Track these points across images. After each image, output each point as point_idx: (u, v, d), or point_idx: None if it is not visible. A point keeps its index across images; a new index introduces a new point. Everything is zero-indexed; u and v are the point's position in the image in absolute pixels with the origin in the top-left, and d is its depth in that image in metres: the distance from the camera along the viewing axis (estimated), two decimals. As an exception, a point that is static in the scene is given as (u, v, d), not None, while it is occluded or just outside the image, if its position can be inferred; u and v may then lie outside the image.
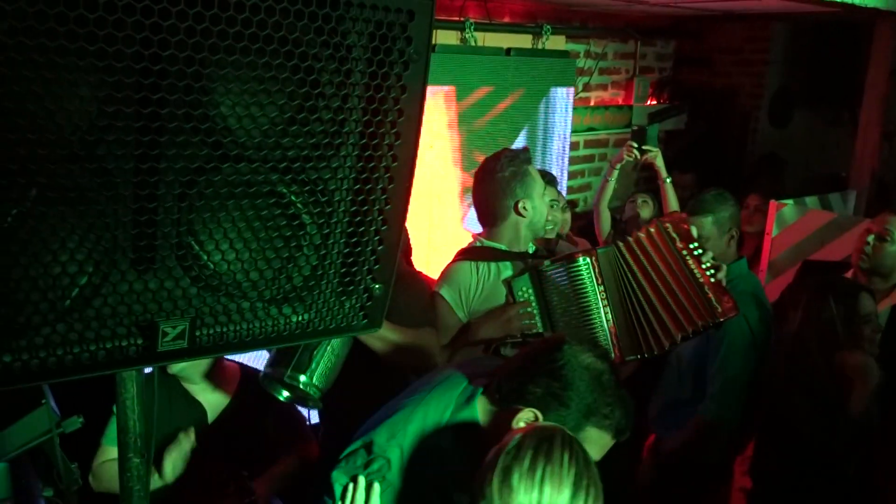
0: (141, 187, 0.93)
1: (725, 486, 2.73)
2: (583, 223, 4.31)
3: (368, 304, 1.19)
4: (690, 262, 2.20)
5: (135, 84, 0.85)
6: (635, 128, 3.56)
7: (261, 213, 1.03)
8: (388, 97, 1.04)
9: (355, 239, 1.12)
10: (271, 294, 1.09)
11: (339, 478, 1.43)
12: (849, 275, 2.80)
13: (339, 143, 1.04)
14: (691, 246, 2.22)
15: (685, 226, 2.25)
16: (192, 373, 2.29)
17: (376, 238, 1.13)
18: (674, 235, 2.22)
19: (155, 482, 2.18)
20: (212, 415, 2.34)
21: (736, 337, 2.49)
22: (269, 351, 2.08)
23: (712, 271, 2.20)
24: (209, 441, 2.31)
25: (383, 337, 2.11)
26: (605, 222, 3.71)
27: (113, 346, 0.98)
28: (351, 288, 1.15)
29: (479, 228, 2.54)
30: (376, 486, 1.37)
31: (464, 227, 4.01)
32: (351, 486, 1.37)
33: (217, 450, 2.29)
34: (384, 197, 1.11)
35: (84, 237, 0.94)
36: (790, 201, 3.89)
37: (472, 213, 3.96)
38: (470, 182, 3.96)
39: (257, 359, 2.96)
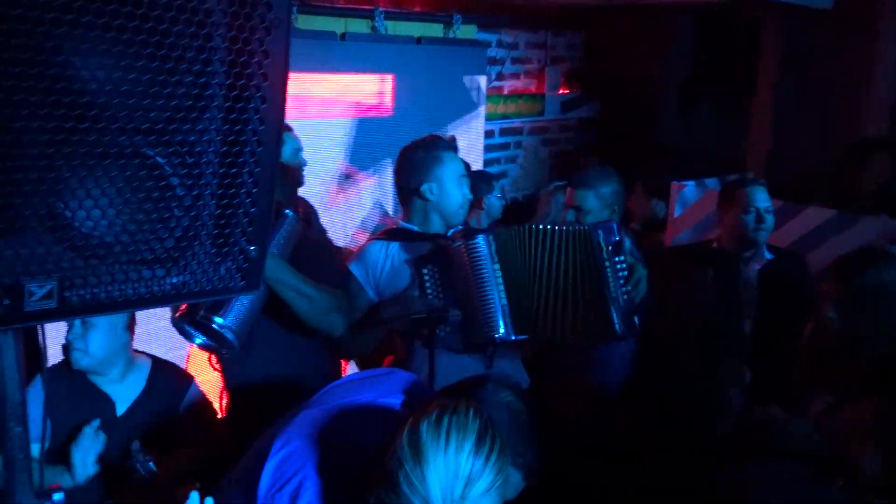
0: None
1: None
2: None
3: (245, 265, 1.22)
4: (610, 275, 2.22)
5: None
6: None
7: (127, 175, 1.06)
8: (250, 62, 1.08)
9: (226, 201, 1.15)
10: (143, 256, 1.11)
11: None
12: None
13: (203, 106, 1.07)
14: (616, 259, 2.22)
15: (617, 239, 2.24)
16: (97, 367, 2.27)
17: (248, 200, 1.17)
18: (602, 245, 2.23)
19: (67, 481, 2.15)
20: (121, 406, 2.33)
21: None
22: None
23: (628, 289, 2.23)
24: (119, 433, 2.30)
25: (298, 288, 2.15)
26: None
27: (-24, 306, 0.99)
28: (226, 250, 1.19)
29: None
30: None
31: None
32: None
33: (126, 441, 2.28)
34: (253, 160, 1.14)
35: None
36: (691, 182, 4.08)
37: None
38: (382, 170, 4.05)
39: (172, 350, 2.95)
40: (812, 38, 4.36)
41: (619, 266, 2.23)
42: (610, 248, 2.23)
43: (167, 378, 2.43)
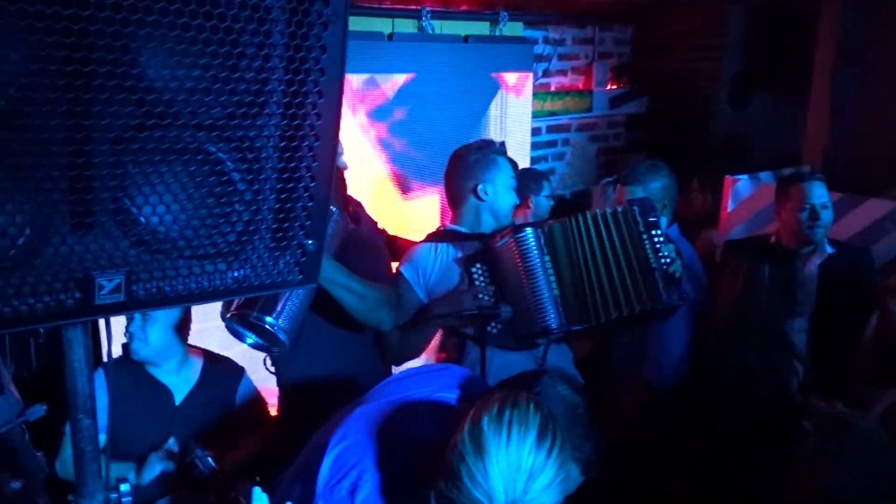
0: (71, 143, 0.98)
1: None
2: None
3: (303, 259, 1.24)
4: (648, 247, 2.29)
5: (57, 44, 0.90)
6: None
7: (191, 171, 1.08)
8: (308, 57, 1.09)
9: (285, 195, 1.17)
10: (206, 250, 1.14)
11: None
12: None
13: (263, 102, 1.09)
14: (654, 232, 2.31)
15: (653, 215, 2.33)
16: (155, 358, 2.36)
17: (306, 195, 1.18)
18: (639, 219, 2.31)
19: (131, 477, 2.24)
20: (178, 396, 2.42)
21: None
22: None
23: (668, 261, 2.28)
24: (177, 422, 2.38)
25: (348, 286, 2.18)
26: None
27: (51, 299, 1.02)
28: (284, 243, 1.21)
29: None
30: None
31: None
32: None
33: (184, 430, 2.36)
34: (311, 154, 1.16)
35: (24, 200, 0.99)
36: (744, 176, 4.00)
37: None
38: (430, 168, 4.06)
39: (228, 348, 3.00)
40: (869, 25, 4.23)
41: (656, 239, 2.30)
42: (648, 220, 2.31)
43: (220, 369, 2.53)
